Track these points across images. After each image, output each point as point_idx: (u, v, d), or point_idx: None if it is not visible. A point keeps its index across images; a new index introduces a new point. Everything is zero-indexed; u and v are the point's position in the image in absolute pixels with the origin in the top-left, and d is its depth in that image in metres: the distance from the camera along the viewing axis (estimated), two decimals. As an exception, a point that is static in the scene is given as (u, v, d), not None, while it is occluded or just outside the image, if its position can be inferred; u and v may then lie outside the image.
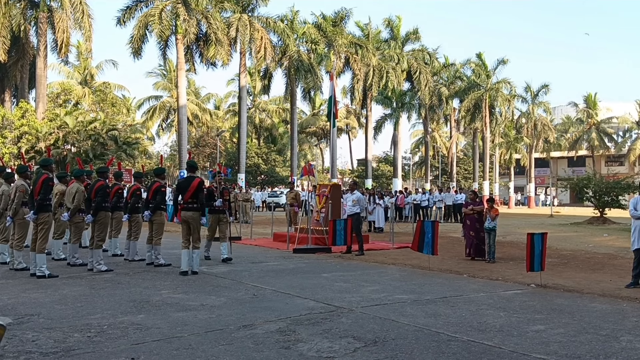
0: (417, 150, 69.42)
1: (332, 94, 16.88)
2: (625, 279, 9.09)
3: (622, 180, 27.78)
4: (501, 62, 45.86)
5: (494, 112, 47.17)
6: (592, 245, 15.61)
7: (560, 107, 67.21)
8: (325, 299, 7.44)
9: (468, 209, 12.62)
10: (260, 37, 33.10)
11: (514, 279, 9.43)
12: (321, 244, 13.95)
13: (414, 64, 40.88)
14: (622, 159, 60.65)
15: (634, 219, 8.86)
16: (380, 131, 46.63)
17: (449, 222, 26.39)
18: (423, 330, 5.79)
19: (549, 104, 54.96)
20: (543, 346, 5.25)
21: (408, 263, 11.47)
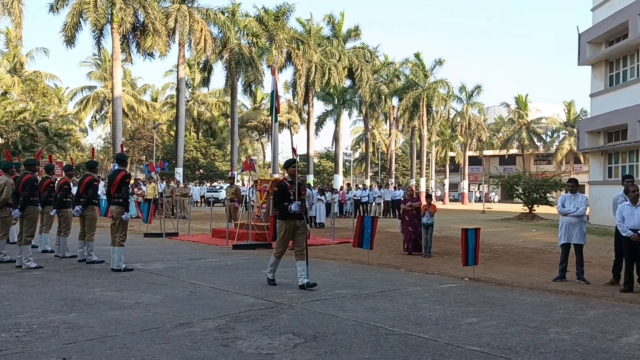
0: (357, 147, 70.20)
1: (274, 88, 16.76)
2: (553, 272, 9.54)
3: (549, 178, 29.15)
4: (438, 63, 47.03)
5: (431, 111, 48.30)
6: (522, 240, 16.27)
7: (493, 108, 69.70)
8: (265, 295, 7.40)
9: (407, 205, 12.88)
10: (200, 28, 32.48)
11: (449, 273, 9.71)
12: (262, 240, 13.87)
13: (355, 62, 41.24)
14: (550, 158, 63.59)
15: (561, 215, 9.30)
16: (321, 127, 46.87)
17: (387, 218, 26.85)
18: (362, 325, 5.86)
19: (483, 104, 56.90)
20: (476, 338, 5.42)
21: (348, 258, 11.58)
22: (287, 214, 7.87)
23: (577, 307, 7.05)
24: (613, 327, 6.01)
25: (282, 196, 7.92)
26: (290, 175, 8.20)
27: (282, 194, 7.92)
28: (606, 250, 12.76)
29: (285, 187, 7.95)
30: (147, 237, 15.80)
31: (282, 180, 8.17)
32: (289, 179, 8.13)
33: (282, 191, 7.93)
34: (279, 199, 7.93)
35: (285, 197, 7.90)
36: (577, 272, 9.06)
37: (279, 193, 7.94)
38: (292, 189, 7.98)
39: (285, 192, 7.93)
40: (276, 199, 8.02)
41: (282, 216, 7.98)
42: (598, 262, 11.31)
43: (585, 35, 24.62)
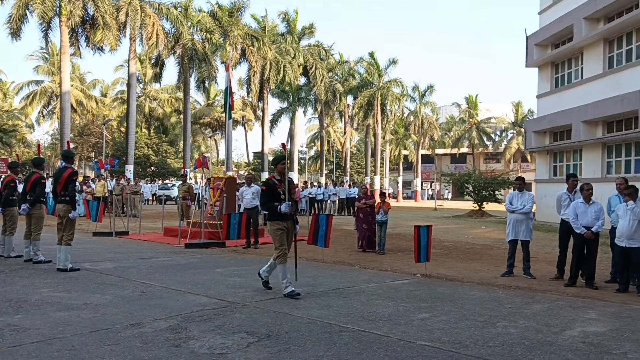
0: (312, 145, 70.39)
1: (227, 84, 16.62)
2: (501, 268, 9.82)
3: (498, 176, 29.97)
4: (392, 62, 47.57)
5: (385, 109, 48.85)
6: (472, 236, 16.68)
7: (445, 107, 71.06)
8: (218, 294, 7.33)
9: (361, 202, 12.98)
10: (152, 23, 31.84)
11: (402, 270, 9.86)
12: (215, 239, 13.74)
13: (310, 59, 41.31)
14: (499, 156, 65.33)
15: (509, 212, 9.58)
16: (276, 124, 46.75)
17: (342, 215, 27.02)
18: (316, 322, 5.88)
19: (435, 104, 58.06)
20: (427, 333, 5.53)
21: (302, 256, 11.55)
22: (276, 214, 7.26)
23: (524, 302, 7.28)
24: (557, 320, 6.23)
25: (270, 196, 7.31)
26: (279, 173, 7.51)
27: (271, 193, 7.33)
28: (551, 246, 13.22)
29: (273, 186, 7.36)
30: (96, 236, 15.41)
31: (270, 179, 7.53)
32: (277, 177, 7.49)
33: (270, 190, 7.34)
34: (267, 198, 7.31)
35: (274, 197, 7.30)
36: (524, 268, 9.36)
37: (267, 192, 7.35)
38: (282, 187, 7.35)
39: (274, 192, 7.33)
40: (264, 199, 7.38)
41: (271, 217, 7.36)
42: (544, 257, 11.71)
43: (532, 37, 25.39)
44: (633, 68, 18.94)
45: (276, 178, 7.46)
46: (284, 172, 7.45)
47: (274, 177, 7.51)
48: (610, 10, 20.37)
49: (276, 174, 7.53)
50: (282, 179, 7.41)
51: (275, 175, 7.52)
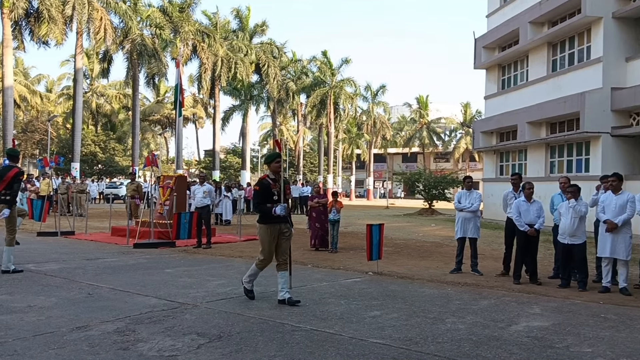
0: (265, 143, 70.02)
1: (178, 81, 16.37)
2: (450, 265, 10.04)
3: (448, 175, 30.67)
4: (345, 62, 47.83)
5: (338, 108, 49.10)
6: (422, 234, 16.98)
7: (396, 107, 71.99)
8: (168, 295, 7.20)
9: (314, 201, 13.01)
10: (100, 17, 30.99)
11: (354, 268, 9.94)
12: (164, 238, 13.50)
13: (263, 57, 41.06)
14: (449, 156, 66.80)
15: (457, 210, 9.80)
16: (228, 122, 46.25)
17: (295, 214, 27.00)
18: (268, 322, 5.86)
19: (387, 103, 58.74)
20: (379, 331, 5.59)
21: (255, 255, 11.41)
22: (270, 217, 6.72)
23: (472, 298, 7.46)
24: (503, 315, 6.42)
25: (263, 196, 6.76)
26: (273, 171, 6.95)
27: (264, 193, 6.77)
28: (498, 243, 13.60)
29: (267, 186, 6.80)
30: (40, 236, 14.88)
31: (264, 178, 6.95)
32: (271, 176, 6.91)
33: (264, 190, 6.78)
34: (261, 199, 6.77)
35: (268, 198, 6.76)
36: (472, 264, 9.60)
37: (260, 192, 6.79)
38: (276, 187, 6.81)
39: (268, 192, 6.78)
40: (257, 200, 6.84)
41: (263, 220, 6.79)
42: (490, 254, 12.03)
43: (480, 40, 26.05)
44: (575, 71, 19.71)
45: (270, 177, 6.90)
46: (279, 171, 6.93)
47: (267, 176, 6.96)
48: (554, 15, 21.12)
49: (270, 173, 6.98)
50: (277, 179, 6.88)
51: (269, 175, 6.95)
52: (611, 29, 18.20)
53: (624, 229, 7.90)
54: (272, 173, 6.94)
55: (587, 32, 19.37)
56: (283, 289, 6.78)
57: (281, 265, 6.85)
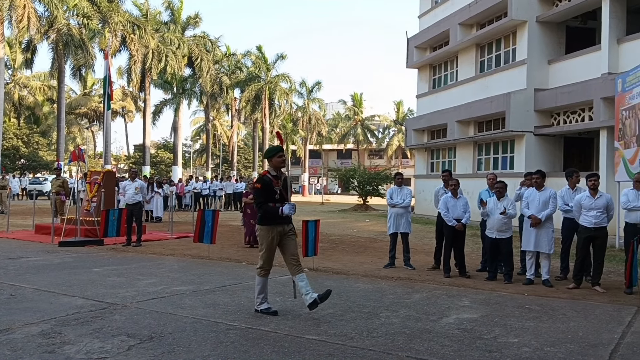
0: (198, 138, 68.78)
1: (106, 73, 15.78)
2: (384, 260, 10.21)
3: (381, 172, 31.21)
4: (280, 57, 47.68)
5: (273, 104, 48.89)
6: (357, 230, 17.20)
7: (331, 104, 72.59)
8: (96, 295, 6.92)
9: (248, 198, 12.87)
10: (23, 5, 29.35)
11: (289, 265, 9.90)
12: (92, 236, 13.02)
13: (195, 50, 40.26)
14: (382, 153, 68.01)
15: (390, 206, 9.98)
16: (159, 116, 45.13)
17: (229, 211, 26.69)
18: (202, 322, 5.74)
19: (323, 100, 59.12)
20: (314, 327, 5.60)
21: (187, 253, 11.30)
22: (272, 218, 6.10)
23: (405, 292, 7.62)
24: (435, 308, 6.59)
25: (265, 195, 6.10)
26: (274, 167, 6.24)
27: (266, 191, 6.10)
28: (429, 237, 13.97)
29: (269, 183, 6.12)
30: (-46, 235, 13.98)
31: (264, 174, 6.25)
32: (272, 172, 6.23)
33: (266, 188, 6.11)
34: (263, 198, 6.10)
35: (270, 196, 6.12)
36: (405, 259, 9.81)
37: (262, 191, 6.11)
38: (278, 185, 6.17)
39: (270, 190, 6.11)
40: (259, 199, 6.15)
41: (265, 221, 6.13)
42: (422, 249, 12.34)
43: (413, 40, 26.64)
44: (501, 72, 20.51)
45: (271, 174, 6.21)
46: (282, 166, 6.28)
47: (268, 172, 6.26)
48: (482, 18, 21.88)
49: (271, 168, 6.27)
50: (279, 175, 6.24)
51: (270, 171, 6.26)
52: (535, 32, 19.05)
53: (547, 224, 8.30)
54: (273, 169, 6.24)
55: (512, 35, 20.19)
56: (308, 292, 6.02)
57: (295, 267, 6.17)
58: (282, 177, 6.25)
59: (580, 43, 18.67)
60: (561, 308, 6.72)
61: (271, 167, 6.26)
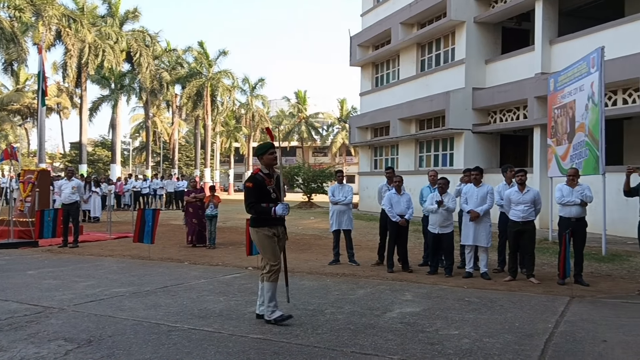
0: (137, 135, 66.97)
1: (40, 68, 15.16)
2: (328, 257, 10.28)
3: (325, 169, 31.36)
4: (222, 53, 47.03)
5: (215, 101, 48.21)
6: (301, 227, 17.23)
7: (275, 101, 72.29)
8: (31, 299, 6.63)
9: (190, 196, 12.68)
10: (-53, -5, 27.74)
11: (233, 263, 9.83)
12: (26, 238, 12.50)
13: (134, 45, 39.15)
14: (326, 150, 68.38)
15: (332, 204, 10.06)
16: (96, 113, 43.56)
17: (170, 210, 26.17)
18: (143, 324, 5.60)
19: (266, 97, 58.68)
20: (259, 326, 5.57)
21: (127, 254, 11.01)
22: (267, 219, 5.74)
23: (349, 288, 7.69)
24: (379, 304, 6.68)
25: (258, 194, 5.72)
26: (266, 165, 5.86)
27: (259, 191, 5.72)
28: (373, 234, 14.15)
29: (261, 182, 5.75)
30: None
31: (256, 173, 5.88)
32: (264, 170, 5.85)
33: (259, 187, 5.73)
34: (256, 198, 5.71)
35: (264, 196, 5.73)
36: (349, 256, 9.90)
37: (254, 190, 5.72)
38: (271, 184, 5.80)
39: (263, 189, 5.74)
40: (251, 199, 5.71)
41: (259, 222, 5.76)
42: (366, 245, 12.49)
43: (355, 38, 26.90)
44: (441, 72, 21.01)
45: (263, 172, 5.84)
46: (273, 163, 5.88)
47: (260, 170, 5.89)
48: (423, 17, 22.34)
49: (262, 166, 5.88)
50: (271, 173, 5.87)
51: (262, 169, 5.87)
52: (473, 32, 19.63)
53: (485, 219, 8.57)
54: (265, 167, 5.87)
55: (452, 35, 20.72)
56: (263, 304, 5.76)
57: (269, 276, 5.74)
58: (275, 176, 5.89)
59: (515, 44, 19.38)
60: (499, 300, 6.95)
61: (262, 165, 5.89)
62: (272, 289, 5.67)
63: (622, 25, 14.60)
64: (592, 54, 11.57)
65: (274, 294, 5.69)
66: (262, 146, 5.93)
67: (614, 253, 10.81)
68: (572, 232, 7.98)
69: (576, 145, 12.34)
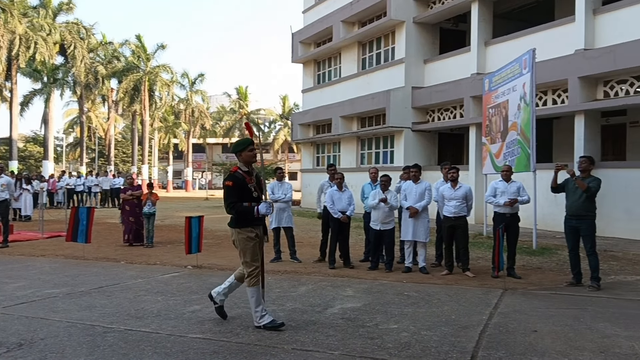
0: (71, 131, 64.39)
1: (-37, 59, 14.34)
2: (269, 254, 10.20)
3: (268, 166, 31.25)
4: (160, 47, 45.95)
5: (153, 96, 47.07)
6: (243, 225, 17.06)
7: (216, 96, 71.30)
8: (-47, 303, 6.28)
9: (127, 194, 12.35)
10: None
11: (172, 262, 9.64)
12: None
13: (68, 37, 37.67)
14: (268, 147, 68.03)
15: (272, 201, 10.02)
16: (28, 107, 41.61)
17: (106, 208, 25.40)
18: (77, 325, 5.41)
19: (206, 92, 57.77)
20: (199, 325, 5.49)
21: (60, 253, 10.61)
22: (249, 219, 5.42)
23: (291, 285, 7.69)
24: (320, 300, 6.71)
25: (240, 193, 5.39)
26: (245, 162, 5.52)
27: (240, 189, 5.39)
28: (315, 231, 14.21)
29: (242, 181, 5.41)
30: None
31: (235, 171, 5.52)
32: (243, 167, 5.52)
33: (240, 186, 5.39)
34: (237, 197, 5.37)
35: (245, 195, 5.42)
36: (290, 253, 9.90)
37: (235, 189, 5.38)
38: (252, 182, 5.49)
39: (244, 188, 5.42)
40: (231, 199, 5.37)
41: (242, 223, 5.44)
42: (308, 242, 12.52)
43: (297, 35, 26.89)
44: (382, 70, 21.32)
45: (242, 169, 5.50)
46: (252, 161, 5.55)
47: (238, 168, 5.53)
48: (364, 16, 22.59)
49: (241, 164, 5.53)
50: (251, 171, 5.54)
51: (241, 166, 5.52)
52: (412, 32, 20.01)
53: (423, 215, 8.78)
54: (244, 164, 5.52)
55: (392, 34, 21.05)
56: (224, 298, 5.67)
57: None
58: (255, 173, 5.59)
59: (452, 44, 19.91)
60: (436, 293, 7.13)
61: (241, 162, 5.54)
62: (255, 293, 5.43)
63: (553, 29, 15.25)
64: (524, 55, 12.03)
65: (258, 298, 5.44)
66: (241, 142, 5.59)
67: (544, 247, 11.31)
68: (506, 227, 8.29)
69: (509, 143, 12.82)
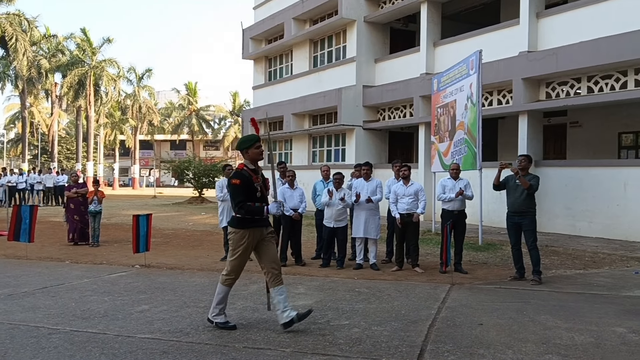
0: (12, 126, 61.86)
1: None
2: (220, 253, 10.17)
3: (217, 163, 30.84)
4: (107, 41, 44.70)
5: (99, 91, 45.76)
6: (192, 223, 16.85)
7: (164, 92, 69.95)
8: None
9: (72, 192, 11.98)
10: None
11: (119, 262, 9.43)
12: None
13: (9, 29, 36.18)
14: (218, 144, 67.29)
15: (219, 200, 9.99)
16: (-37, 101, 39.77)
17: (49, 206, 24.56)
18: (20, 327, 5.21)
19: (154, 88, 56.53)
20: (147, 325, 5.38)
21: (2, 253, 10.22)
22: (252, 220, 5.21)
23: (242, 284, 7.60)
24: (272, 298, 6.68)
25: (246, 192, 5.16)
26: (251, 160, 5.32)
27: (247, 188, 5.17)
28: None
29: (249, 179, 5.20)
30: None
31: (242, 169, 5.27)
32: (249, 165, 5.31)
33: (246, 185, 5.17)
34: (244, 196, 5.14)
35: (251, 194, 5.20)
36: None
37: (241, 187, 5.15)
38: (258, 180, 5.28)
39: (250, 186, 5.20)
40: (240, 198, 5.14)
41: (242, 223, 5.20)
42: (259, 240, 12.45)
43: (248, 31, 26.68)
44: (333, 68, 21.42)
45: (249, 167, 5.30)
46: (258, 158, 5.35)
47: (244, 165, 5.31)
48: (315, 14, 22.63)
49: (247, 162, 5.33)
50: (257, 169, 5.34)
51: (247, 164, 5.32)
52: (363, 31, 20.19)
53: (374, 212, 8.89)
54: (250, 162, 5.32)
55: (343, 33, 21.18)
56: (287, 309, 5.20)
57: (274, 278, 5.29)
58: (260, 172, 5.40)
59: (403, 44, 20.21)
60: (387, 289, 7.24)
61: (247, 160, 5.33)
62: (224, 292, 5.35)
63: (498, 31, 15.69)
64: (471, 56, 12.34)
65: (224, 298, 5.35)
66: (247, 139, 5.36)
67: (489, 242, 11.66)
68: (454, 223, 8.50)
69: (456, 142, 13.13)
